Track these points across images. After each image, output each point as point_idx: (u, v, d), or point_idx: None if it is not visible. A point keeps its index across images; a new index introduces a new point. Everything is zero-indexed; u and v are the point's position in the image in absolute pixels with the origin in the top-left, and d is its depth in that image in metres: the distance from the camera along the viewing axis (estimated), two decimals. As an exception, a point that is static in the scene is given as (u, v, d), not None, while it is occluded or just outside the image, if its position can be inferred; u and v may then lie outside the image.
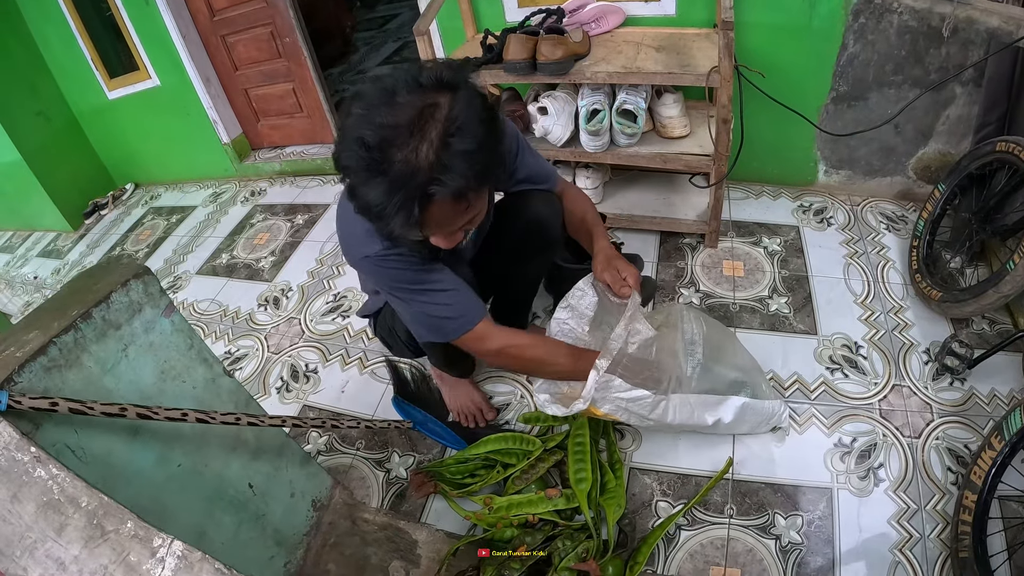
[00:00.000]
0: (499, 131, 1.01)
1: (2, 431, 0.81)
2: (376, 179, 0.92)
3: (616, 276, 1.36)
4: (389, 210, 0.92)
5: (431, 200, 0.93)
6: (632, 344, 1.34)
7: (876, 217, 2.18)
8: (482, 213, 1.11)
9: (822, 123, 2.11)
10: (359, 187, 0.94)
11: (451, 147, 0.91)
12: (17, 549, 0.76)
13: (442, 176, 0.91)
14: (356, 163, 0.92)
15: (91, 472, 0.91)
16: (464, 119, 0.93)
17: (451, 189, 0.93)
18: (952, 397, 1.58)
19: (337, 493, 1.53)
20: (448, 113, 0.92)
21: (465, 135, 0.92)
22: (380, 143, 0.90)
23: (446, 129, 0.91)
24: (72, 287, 1.07)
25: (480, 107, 0.96)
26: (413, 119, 0.91)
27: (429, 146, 0.91)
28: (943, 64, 1.89)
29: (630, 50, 1.94)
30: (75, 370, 0.94)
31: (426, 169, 0.91)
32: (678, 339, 1.43)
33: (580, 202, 1.51)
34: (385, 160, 0.90)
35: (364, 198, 0.94)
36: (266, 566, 1.30)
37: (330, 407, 1.90)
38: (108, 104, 3.40)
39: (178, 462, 1.12)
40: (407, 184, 0.91)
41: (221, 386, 1.23)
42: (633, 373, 1.36)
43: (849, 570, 1.31)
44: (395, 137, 0.90)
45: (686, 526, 1.43)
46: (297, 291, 2.43)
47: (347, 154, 0.93)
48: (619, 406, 1.29)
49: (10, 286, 3.27)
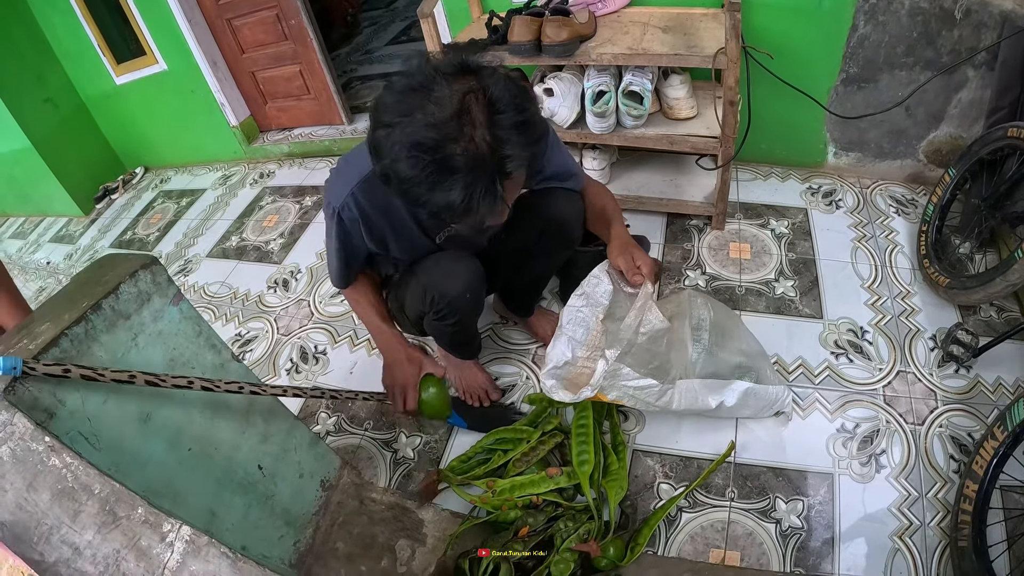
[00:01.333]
0: (534, 103, 1.02)
1: (17, 422, 0.83)
2: (449, 178, 0.92)
3: (630, 263, 1.37)
4: (475, 201, 0.94)
5: (508, 177, 0.96)
6: (643, 334, 1.35)
7: (885, 200, 2.17)
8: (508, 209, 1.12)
9: (831, 105, 2.08)
10: (430, 193, 0.94)
11: (501, 123, 0.93)
12: (34, 535, 0.78)
13: (508, 151, 0.94)
14: (421, 170, 0.92)
15: (104, 459, 0.93)
16: (502, 95, 0.94)
17: (522, 160, 0.96)
18: (957, 385, 1.58)
19: (345, 473, 1.56)
20: (486, 94, 0.94)
21: (509, 109, 0.94)
22: (438, 142, 0.91)
23: (490, 109, 0.93)
24: (81, 279, 1.09)
25: (509, 83, 0.98)
26: (457, 109, 0.92)
27: (482, 129, 0.92)
28: (955, 47, 1.85)
29: (636, 31, 1.92)
30: (87, 360, 0.96)
31: (490, 152, 0.92)
32: (686, 326, 1.44)
33: (601, 195, 1.53)
34: (449, 156, 0.91)
35: (441, 201, 0.94)
36: (275, 545, 1.33)
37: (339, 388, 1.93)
38: (116, 89, 3.41)
39: (188, 446, 1.14)
40: (480, 170, 0.92)
41: (229, 371, 1.25)
42: (642, 363, 1.37)
43: (848, 556, 1.32)
44: (449, 131, 0.91)
45: (687, 508, 1.45)
46: (306, 273, 2.45)
47: (406, 165, 0.93)
48: (626, 393, 1.31)
49: (23, 272, 3.31)
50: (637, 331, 1.32)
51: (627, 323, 1.28)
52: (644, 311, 1.31)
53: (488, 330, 1.98)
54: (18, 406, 0.85)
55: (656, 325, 1.35)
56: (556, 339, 1.43)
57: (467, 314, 1.53)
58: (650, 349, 1.38)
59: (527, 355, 1.89)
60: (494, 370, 1.86)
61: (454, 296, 1.41)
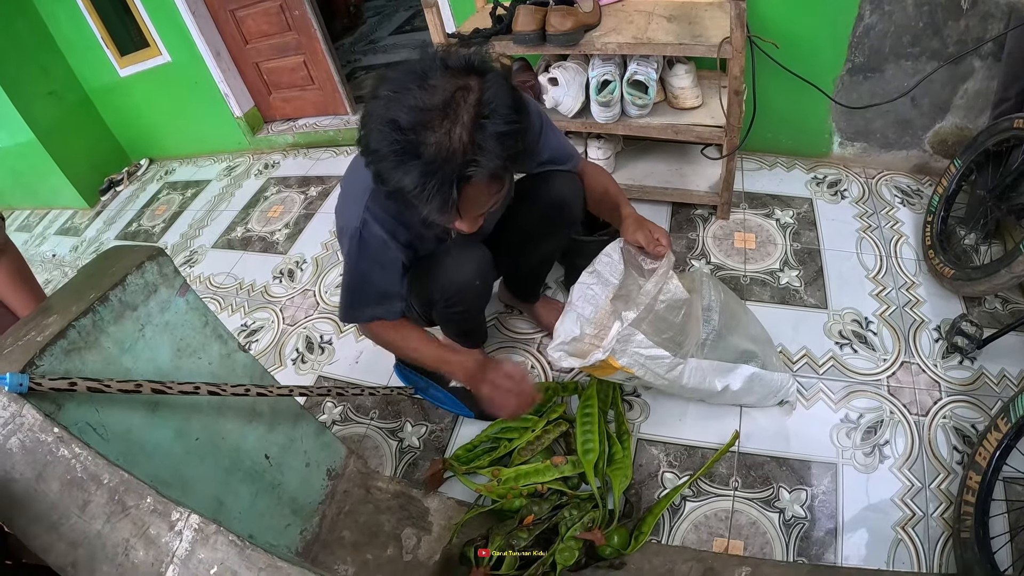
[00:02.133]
0: (527, 116, 1.01)
1: (26, 413, 0.84)
2: (410, 163, 0.92)
3: (649, 236, 1.37)
4: (425, 194, 0.93)
5: (468, 182, 0.94)
6: (661, 303, 1.34)
7: (891, 191, 2.16)
8: (505, 194, 1.11)
9: (837, 95, 2.07)
10: (391, 171, 0.94)
11: (485, 129, 0.92)
12: (43, 525, 0.79)
13: (478, 157, 0.92)
14: (388, 146, 0.92)
15: (112, 449, 0.94)
16: (496, 102, 0.93)
17: (488, 170, 0.94)
18: (961, 376, 1.58)
19: (351, 462, 1.57)
20: (480, 96, 0.93)
21: (497, 117, 0.93)
22: (414, 125, 0.91)
23: (478, 111, 0.92)
24: (88, 270, 1.09)
25: (509, 91, 0.97)
26: (446, 101, 0.91)
27: (463, 128, 0.91)
28: (962, 37, 1.84)
29: (641, 20, 1.91)
30: (94, 351, 0.97)
31: (461, 152, 0.91)
32: (697, 304, 1.45)
33: (601, 177, 1.52)
34: (419, 143, 0.91)
35: (397, 182, 0.94)
36: (282, 534, 1.35)
37: (344, 377, 1.94)
38: (120, 81, 3.42)
39: (196, 436, 1.15)
40: (443, 167, 0.91)
41: (236, 361, 1.26)
42: (656, 331, 1.36)
43: (851, 546, 1.33)
44: (428, 119, 0.91)
45: (691, 497, 1.46)
46: (311, 263, 2.46)
47: (377, 136, 0.94)
48: (637, 360, 1.30)
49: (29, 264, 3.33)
50: (656, 298, 1.31)
51: (647, 289, 1.27)
52: (665, 279, 1.31)
53: (494, 319, 1.99)
54: (27, 398, 0.86)
55: (677, 295, 1.35)
56: (565, 315, 1.43)
57: (476, 301, 1.54)
58: (666, 318, 1.38)
59: (532, 344, 1.89)
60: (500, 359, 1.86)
61: (464, 284, 1.41)
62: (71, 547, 0.78)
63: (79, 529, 0.79)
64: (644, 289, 1.28)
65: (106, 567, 0.77)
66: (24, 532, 0.80)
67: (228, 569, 0.71)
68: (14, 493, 0.82)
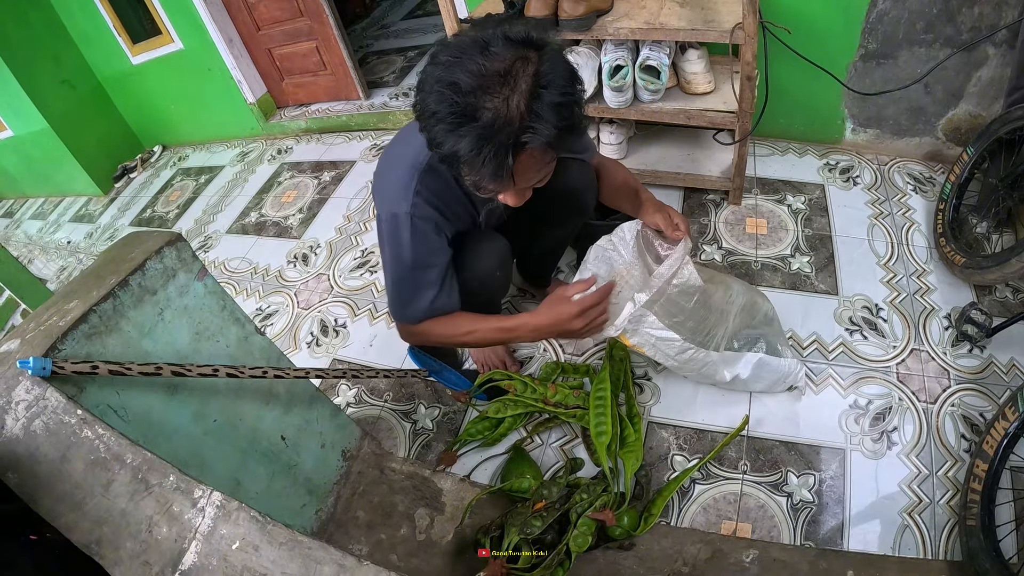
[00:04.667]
0: (582, 91, 1.02)
1: (49, 396, 0.86)
2: (466, 126, 0.92)
3: (668, 220, 1.37)
4: (481, 158, 0.94)
5: (523, 149, 0.95)
6: (675, 287, 1.34)
7: (903, 178, 2.15)
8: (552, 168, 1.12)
9: (850, 81, 2.05)
10: (447, 135, 0.95)
11: (542, 98, 0.93)
12: (67, 504, 0.81)
13: (535, 124, 0.93)
14: (446, 108, 0.93)
15: (133, 430, 0.97)
16: (553, 74, 0.94)
17: (544, 138, 0.94)
18: (970, 364, 1.58)
19: (366, 444, 1.60)
20: (539, 67, 0.94)
21: (554, 88, 0.94)
22: (474, 89, 0.91)
23: (537, 81, 0.93)
24: (108, 256, 1.11)
25: (567, 66, 0.98)
26: (506, 70, 0.92)
27: (520, 96, 0.92)
28: (976, 24, 1.82)
29: (653, 5, 1.90)
30: (115, 335, 1.00)
31: (518, 119, 0.92)
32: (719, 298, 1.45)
33: (620, 171, 1.54)
34: (477, 107, 0.92)
35: (452, 147, 0.95)
36: (298, 514, 1.38)
37: (358, 360, 1.97)
38: (133, 69, 3.44)
39: (214, 417, 1.18)
40: (500, 133, 0.92)
41: (253, 344, 1.28)
42: (667, 314, 1.37)
43: (858, 531, 1.34)
44: (488, 84, 0.92)
45: (700, 480, 1.48)
46: (325, 247, 2.48)
47: (436, 98, 0.94)
48: (647, 341, 1.32)
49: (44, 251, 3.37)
50: (670, 282, 1.31)
51: (660, 272, 1.27)
52: (680, 264, 1.31)
53: (507, 304, 2.01)
54: (50, 381, 0.88)
55: (691, 281, 1.34)
56: (580, 273, 1.42)
57: (496, 292, 1.55)
58: (678, 303, 1.38)
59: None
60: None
61: (486, 275, 1.43)
62: (95, 525, 0.81)
63: (103, 507, 0.81)
64: (658, 272, 1.28)
65: (130, 543, 0.79)
66: (49, 511, 0.82)
67: (250, 544, 0.74)
68: (39, 474, 0.84)
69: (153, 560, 0.77)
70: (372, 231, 2.47)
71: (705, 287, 1.39)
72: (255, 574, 0.72)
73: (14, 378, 0.88)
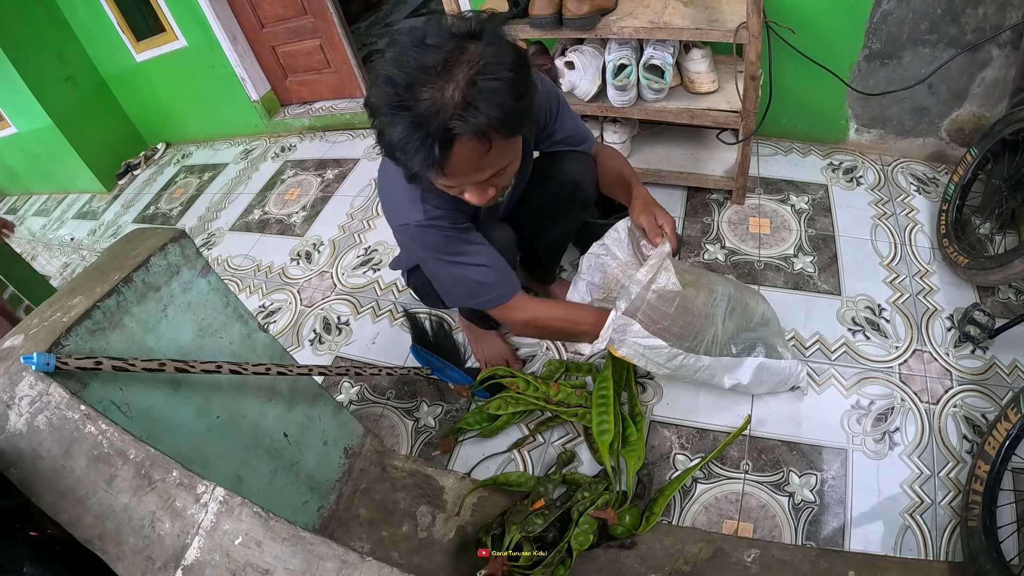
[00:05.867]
0: (529, 81, 1.00)
1: (53, 392, 0.87)
2: (400, 115, 0.93)
3: (652, 222, 1.35)
4: (411, 147, 0.94)
5: (453, 139, 0.94)
6: (653, 293, 1.33)
7: (907, 178, 2.14)
8: (514, 167, 1.11)
9: (853, 81, 2.05)
10: (386, 127, 0.96)
11: (477, 85, 0.92)
12: (70, 500, 0.82)
13: (464, 113, 0.92)
14: (383, 101, 0.94)
15: (136, 426, 0.97)
16: (493, 62, 0.93)
17: (472, 126, 0.93)
18: (973, 365, 1.58)
19: (368, 441, 1.60)
20: (477, 55, 0.93)
21: (492, 76, 0.92)
22: (408, 82, 0.92)
23: (473, 70, 0.92)
24: (112, 252, 1.12)
25: (511, 54, 0.96)
26: (442, 60, 0.92)
27: (455, 86, 0.92)
28: (980, 24, 1.81)
29: (657, 4, 1.90)
30: (118, 331, 1.00)
31: (450, 107, 0.92)
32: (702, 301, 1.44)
33: (615, 159, 1.52)
34: (411, 97, 0.92)
35: (389, 136, 0.96)
36: (300, 511, 1.38)
37: (361, 358, 1.97)
38: (136, 66, 3.45)
39: (217, 414, 1.18)
40: (430, 121, 0.92)
41: (256, 341, 1.29)
42: (652, 321, 1.35)
43: (859, 531, 1.34)
44: (423, 77, 0.92)
45: (702, 479, 1.48)
46: (328, 245, 2.48)
47: (376, 92, 0.95)
48: (636, 351, 1.30)
49: (48, 248, 3.38)
50: (648, 287, 1.30)
51: (638, 278, 1.27)
52: (658, 270, 1.29)
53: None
54: (54, 377, 0.88)
55: (667, 286, 1.32)
56: (575, 284, 1.43)
57: None
58: (660, 308, 1.36)
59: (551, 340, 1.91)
60: (515, 340, 1.89)
61: None
62: (98, 520, 0.81)
63: (106, 503, 0.82)
64: (635, 277, 1.27)
65: (132, 539, 0.79)
66: (52, 507, 0.82)
67: (253, 539, 0.74)
68: (42, 469, 0.84)
69: (156, 555, 0.77)
70: (375, 229, 2.48)
71: (684, 291, 1.37)
72: (258, 570, 0.72)
73: (18, 374, 0.89)
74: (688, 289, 1.39)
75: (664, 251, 1.30)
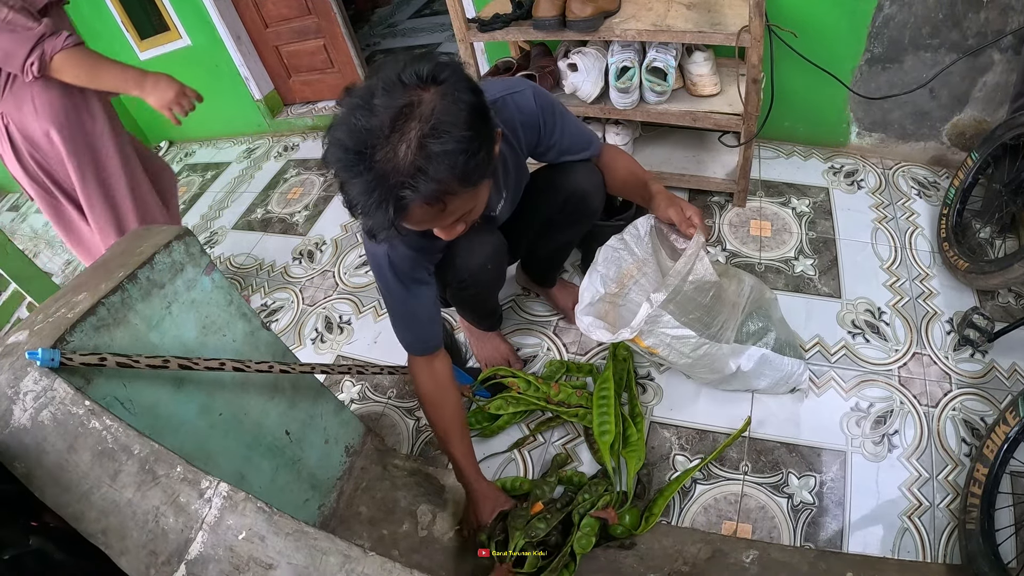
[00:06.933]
0: (488, 130, 0.98)
1: (57, 387, 0.87)
2: (353, 180, 0.91)
3: (681, 214, 1.32)
4: (367, 208, 0.92)
5: (406, 206, 0.91)
6: (691, 284, 1.32)
7: (908, 182, 2.15)
8: (481, 206, 1.08)
9: (855, 85, 2.06)
10: (344, 184, 0.94)
11: (426, 149, 0.88)
12: (74, 495, 0.82)
13: (415, 181, 0.89)
14: (337, 164, 0.92)
15: (139, 423, 0.97)
16: (444, 119, 0.89)
17: (423, 194, 0.90)
18: (972, 369, 1.59)
19: (369, 440, 1.61)
20: (429, 111, 0.89)
21: (443, 136, 0.89)
22: (358, 148, 0.89)
23: (423, 131, 0.89)
24: (117, 250, 1.12)
25: (466, 108, 0.92)
26: (389, 121, 0.89)
27: (407, 146, 0.89)
28: (981, 29, 1.82)
29: (660, 7, 1.91)
30: (122, 328, 1.01)
31: (400, 173, 0.89)
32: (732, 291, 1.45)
33: (623, 159, 1.50)
34: (361, 162, 0.90)
35: (347, 194, 0.94)
36: (301, 508, 1.39)
37: (363, 357, 1.98)
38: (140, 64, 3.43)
39: (219, 411, 1.19)
40: (382, 186, 0.90)
41: (259, 339, 1.29)
42: (683, 312, 1.36)
43: (858, 533, 1.35)
44: (372, 140, 0.89)
45: (702, 480, 1.48)
46: (331, 244, 2.49)
47: (329, 153, 0.94)
48: (663, 341, 1.30)
49: (50, 245, 3.38)
50: (686, 279, 1.28)
51: (676, 269, 1.24)
52: (695, 260, 1.27)
53: (510, 302, 2.01)
54: (58, 372, 0.89)
55: (706, 277, 1.31)
56: (589, 276, 1.41)
57: (488, 285, 1.55)
58: (694, 299, 1.36)
59: (548, 327, 1.92)
60: (516, 341, 1.90)
61: (476, 268, 1.42)
62: (102, 515, 0.81)
63: (110, 498, 0.82)
64: (674, 269, 1.25)
65: (136, 533, 0.79)
66: (56, 501, 0.83)
67: (256, 534, 0.75)
68: (46, 464, 0.85)
69: (159, 550, 0.77)
70: (377, 228, 2.48)
71: (720, 281, 1.37)
72: (261, 564, 0.73)
73: (22, 369, 0.89)
74: (723, 280, 1.39)
75: (700, 241, 1.28)
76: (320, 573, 0.71)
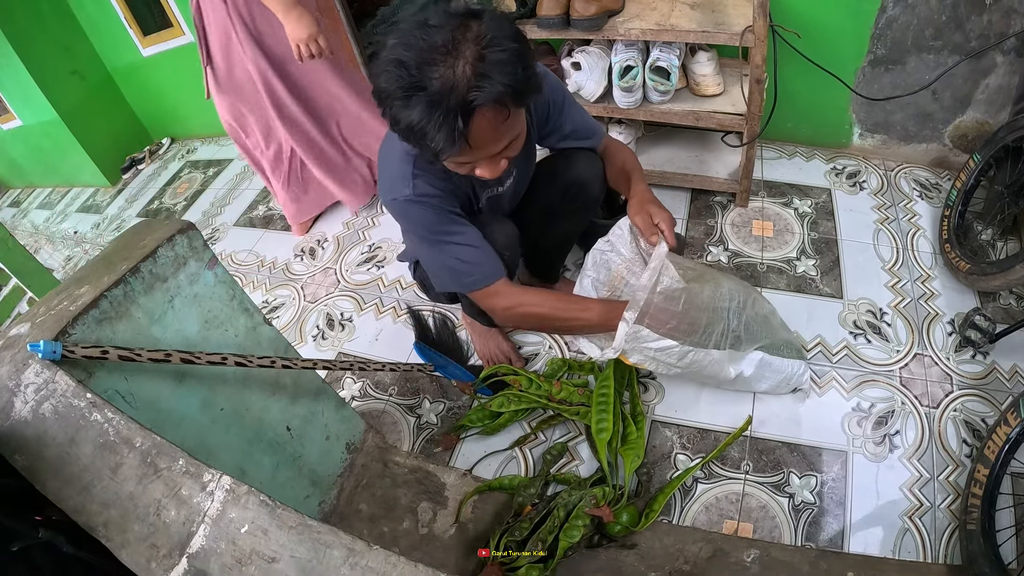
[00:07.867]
0: (530, 52, 1.03)
1: (59, 380, 0.87)
2: (415, 97, 0.95)
3: (647, 221, 1.33)
4: (432, 125, 0.96)
5: (473, 111, 0.97)
6: (659, 294, 1.32)
7: (910, 183, 2.15)
8: (521, 140, 1.13)
9: (858, 86, 2.06)
10: (400, 111, 0.97)
11: (487, 58, 0.95)
12: (75, 487, 0.82)
13: (482, 83, 0.95)
14: (395, 84, 0.96)
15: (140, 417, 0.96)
16: (497, 35, 0.96)
17: (492, 95, 0.96)
18: (973, 370, 1.59)
19: (370, 437, 1.61)
20: (480, 32, 0.96)
21: (499, 47, 0.96)
22: (419, 63, 0.94)
23: (480, 44, 0.95)
24: (120, 243, 1.12)
25: (512, 28, 1.00)
26: (448, 40, 0.95)
27: (465, 62, 0.94)
28: (984, 31, 1.82)
29: (664, 6, 1.91)
30: (125, 321, 1.00)
31: (465, 82, 0.94)
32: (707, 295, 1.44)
33: (621, 152, 1.52)
34: (424, 77, 0.94)
35: (406, 120, 0.97)
36: (301, 505, 1.38)
37: (364, 354, 1.97)
38: (143, 61, 3.44)
39: (221, 406, 1.19)
40: (448, 98, 0.94)
41: (261, 334, 1.29)
42: (660, 323, 1.36)
43: (859, 533, 1.35)
44: (432, 56, 0.94)
45: (703, 479, 1.48)
46: (332, 242, 2.49)
47: (385, 78, 0.97)
48: (647, 356, 1.30)
49: (51, 241, 3.38)
50: (654, 291, 1.29)
51: (642, 283, 1.26)
52: (660, 271, 1.28)
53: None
54: (60, 365, 0.89)
55: (671, 285, 1.32)
56: (580, 281, 1.42)
57: None
58: (667, 308, 1.36)
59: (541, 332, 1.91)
60: (517, 339, 1.90)
61: None
62: (103, 507, 0.81)
63: (111, 490, 0.82)
64: (640, 283, 1.26)
65: (137, 526, 0.79)
66: (57, 494, 0.82)
67: (259, 528, 0.74)
68: (47, 456, 0.85)
69: (161, 543, 0.77)
70: (379, 226, 2.48)
71: (688, 287, 1.36)
72: (264, 557, 0.73)
73: (24, 361, 0.89)
74: (692, 284, 1.38)
75: (662, 251, 1.28)
76: (324, 567, 0.71)
